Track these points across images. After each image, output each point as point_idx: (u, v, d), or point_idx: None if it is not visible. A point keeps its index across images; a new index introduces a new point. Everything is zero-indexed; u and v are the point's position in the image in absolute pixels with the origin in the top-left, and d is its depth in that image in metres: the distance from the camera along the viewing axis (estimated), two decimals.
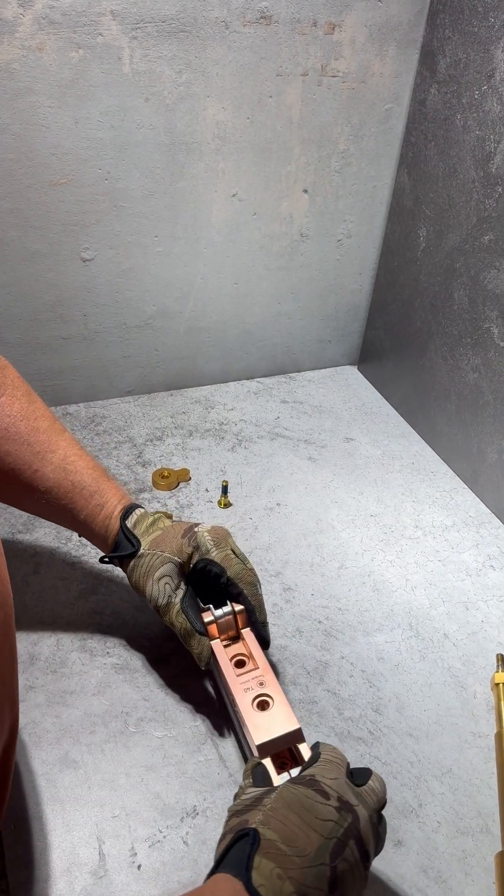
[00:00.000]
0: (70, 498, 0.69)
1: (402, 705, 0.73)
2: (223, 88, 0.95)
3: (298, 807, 0.48)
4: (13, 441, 0.67)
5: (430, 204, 1.02)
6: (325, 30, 0.95)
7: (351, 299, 1.24)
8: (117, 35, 0.87)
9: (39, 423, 0.69)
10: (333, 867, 0.45)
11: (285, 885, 0.43)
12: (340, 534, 0.94)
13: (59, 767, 0.65)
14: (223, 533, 0.71)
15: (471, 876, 0.60)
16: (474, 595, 0.86)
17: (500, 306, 0.91)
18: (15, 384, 0.70)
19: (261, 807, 0.49)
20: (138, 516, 0.71)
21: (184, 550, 0.68)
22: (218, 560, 0.68)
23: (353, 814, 0.48)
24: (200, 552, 0.69)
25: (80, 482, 0.69)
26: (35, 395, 0.71)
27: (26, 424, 0.68)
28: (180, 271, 1.08)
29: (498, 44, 0.84)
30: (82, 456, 0.71)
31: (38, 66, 0.85)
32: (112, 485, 0.72)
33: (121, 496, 0.72)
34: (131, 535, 0.69)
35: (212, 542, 0.69)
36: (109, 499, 0.71)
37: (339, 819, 0.47)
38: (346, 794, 0.50)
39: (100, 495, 0.70)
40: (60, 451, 0.69)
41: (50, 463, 0.68)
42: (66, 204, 0.96)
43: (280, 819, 0.47)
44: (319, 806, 0.48)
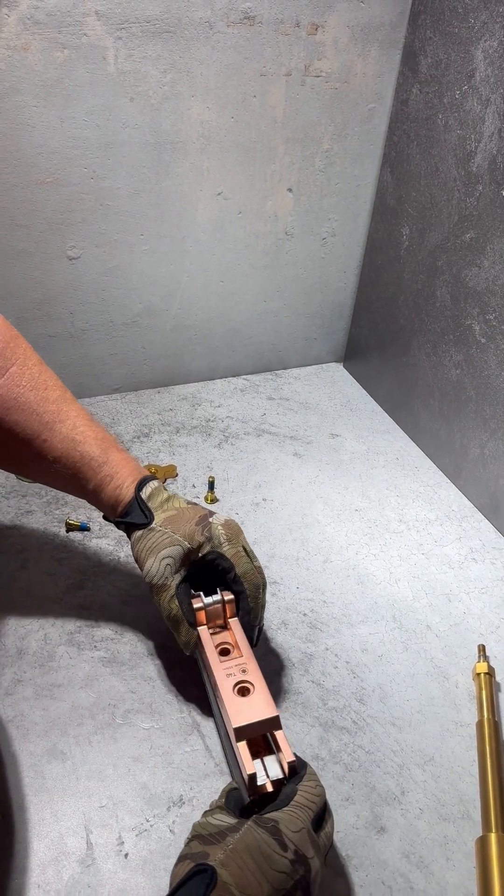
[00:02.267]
0: (78, 468, 0.69)
1: (385, 695, 0.74)
2: (207, 88, 0.95)
3: (258, 854, 0.50)
4: (22, 411, 0.68)
5: (412, 203, 1.03)
6: (308, 30, 0.96)
7: (336, 297, 1.25)
8: (102, 35, 0.87)
9: (49, 392, 0.69)
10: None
11: None
12: (325, 528, 0.95)
13: (47, 759, 0.66)
14: (236, 528, 0.70)
15: (452, 861, 0.61)
16: (457, 587, 0.87)
17: (481, 303, 0.92)
18: (26, 354, 0.70)
19: (223, 844, 0.51)
20: (153, 489, 0.71)
21: (195, 538, 0.68)
22: (229, 556, 0.67)
23: (306, 866, 0.50)
24: (212, 544, 0.68)
25: (89, 453, 0.69)
26: (45, 366, 0.71)
27: (35, 394, 0.68)
28: (166, 269, 1.09)
29: (478, 44, 0.86)
30: (91, 426, 0.71)
31: (23, 65, 0.86)
32: (122, 455, 0.72)
33: (132, 467, 0.72)
34: (145, 507, 0.69)
35: (225, 537, 0.68)
36: (119, 470, 0.70)
37: (291, 872, 0.49)
38: (303, 847, 0.51)
39: (108, 466, 0.70)
40: (69, 420, 0.69)
41: (58, 433, 0.69)
42: (52, 202, 0.96)
43: (238, 863, 0.49)
44: (276, 857, 0.50)
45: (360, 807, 0.64)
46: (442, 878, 0.60)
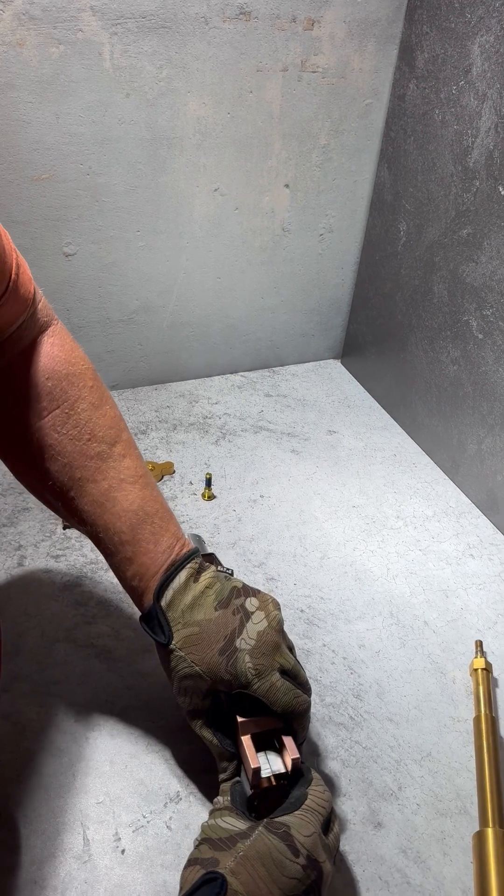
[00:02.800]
0: (100, 538, 0.61)
1: (382, 691, 0.74)
2: (203, 84, 0.95)
3: (269, 861, 0.49)
4: (55, 460, 0.59)
5: (409, 198, 1.03)
6: (304, 25, 0.96)
7: (333, 293, 1.25)
8: (97, 31, 0.87)
9: (91, 445, 0.59)
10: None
11: None
12: (323, 525, 0.95)
13: (44, 756, 0.66)
14: (269, 646, 0.57)
15: (449, 856, 0.61)
16: (454, 583, 0.87)
17: (478, 299, 0.92)
18: (79, 395, 0.60)
19: (234, 851, 0.50)
20: (176, 591, 0.58)
21: (218, 673, 0.56)
22: (261, 694, 0.56)
23: (318, 870, 0.50)
24: (239, 682, 0.56)
25: (113, 525, 0.59)
26: (103, 410, 0.61)
27: (74, 445, 0.59)
28: (163, 266, 1.09)
29: (474, 39, 0.85)
30: (128, 492, 0.60)
31: (18, 61, 0.86)
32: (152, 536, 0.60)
33: (157, 553, 0.59)
34: (164, 621, 0.58)
35: (254, 671, 0.56)
36: (141, 556, 0.59)
37: (303, 878, 0.49)
38: (315, 852, 0.50)
39: (131, 546, 0.59)
40: (105, 482, 0.59)
41: (88, 493, 0.59)
42: (48, 199, 0.96)
43: (249, 871, 0.48)
44: (288, 863, 0.49)
45: (357, 802, 0.64)
46: (439, 874, 0.60)
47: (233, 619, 0.58)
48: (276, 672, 0.56)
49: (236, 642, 0.57)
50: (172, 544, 0.60)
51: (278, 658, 0.57)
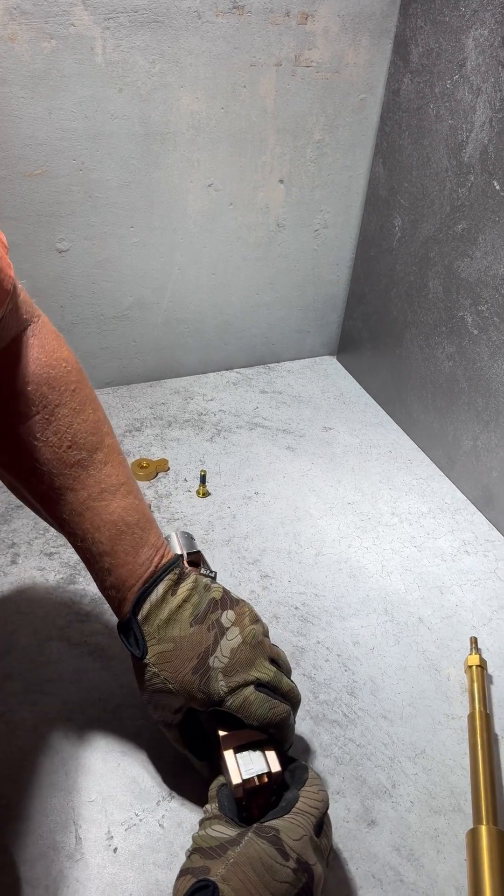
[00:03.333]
0: (79, 547, 0.60)
1: (376, 688, 0.74)
2: (197, 78, 0.95)
3: (259, 865, 0.49)
4: (34, 470, 0.58)
5: (404, 193, 1.03)
6: (298, 20, 0.95)
7: (329, 290, 1.24)
8: (89, 25, 0.86)
9: (70, 453, 0.57)
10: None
11: None
12: (318, 521, 0.95)
13: (36, 754, 0.65)
14: (243, 664, 0.57)
15: (442, 853, 0.61)
16: (449, 580, 0.87)
17: (473, 295, 0.92)
18: (61, 400, 0.58)
19: (224, 858, 0.50)
20: (152, 605, 0.57)
21: (191, 691, 0.56)
22: (235, 709, 0.56)
23: (309, 873, 0.50)
24: (212, 700, 0.56)
25: (92, 536, 0.58)
26: (84, 414, 0.59)
27: (53, 453, 0.57)
28: (157, 262, 1.08)
29: (468, 33, 0.85)
30: (108, 502, 0.58)
31: (9, 56, 0.85)
32: (131, 546, 0.59)
33: (131, 567, 0.58)
34: (139, 634, 0.58)
35: (226, 689, 0.56)
36: (118, 568, 0.58)
37: (294, 881, 0.49)
38: (305, 855, 0.50)
39: (110, 557, 0.58)
40: (84, 490, 0.58)
41: (67, 503, 0.58)
42: (41, 195, 0.95)
43: (239, 877, 0.48)
44: (279, 867, 0.49)
45: (351, 800, 0.64)
46: (432, 871, 0.60)
47: (207, 635, 0.57)
48: (251, 686, 0.56)
49: (209, 660, 0.56)
50: (151, 556, 0.59)
51: (253, 672, 0.57)
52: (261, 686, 0.56)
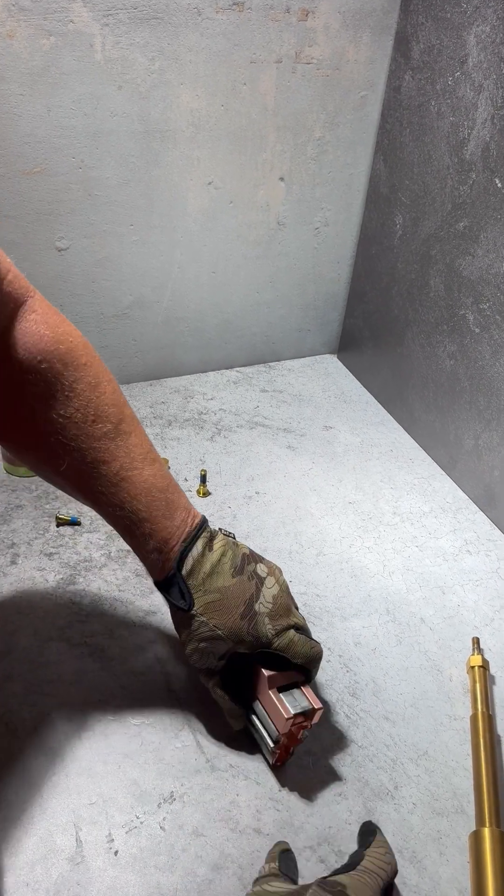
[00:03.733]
0: (118, 517, 0.61)
1: (378, 689, 0.74)
2: (197, 76, 0.94)
3: None
4: (62, 447, 0.59)
5: (405, 191, 1.02)
6: (298, 16, 0.95)
7: (329, 288, 1.24)
8: (89, 22, 0.86)
9: (96, 427, 0.59)
10: None
11: None
12: (319, 521, 0.94)
13: (36, 756, 0.65)
14: (283, 606, 0.63)
15: (445, 856, 0.61)
16: (451, 580, 0.87)
17: (474, 293, 0.91)
18: (76, 376, 0.58)
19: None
20: (195, 560, 0.61)
21: (240, 635, 0.61)
22: (282, 649, 0.61)
23: None
24: (261, 642, 0.61)
25: (130, 504, 0.60)
26: (103, 387, 0.60)
27: (79, 430, 0.58)
28: (157, 260, 1.08)
29: (470, 29, 0.84)
30: (139, 470, 0.61)
31: (8, 53, 0.84)
32: (166, 510, 0.61)
33: (170, 530, 0.61)
34: (185, 588, 0.61)
35: (273, 631, 0.61)
36: (159, 530, 0.61)
37: None
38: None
39: (150, 523, 0.61)
40: (116, 461, 0.60)
41: (102, 475, 0.60)
42: (40, 193, 0.95)
43: None
44: None
45: (353, 802, 0.64)
46: (435, 873, 0.59)
47: (249, 584, 0.62)
48: (292, 629, 0.62)
49: (255, 606, 0.61)
50: (185, 517, 0.63)
51: (292, 618, 0.63)
52: (299, 629, 0.63)
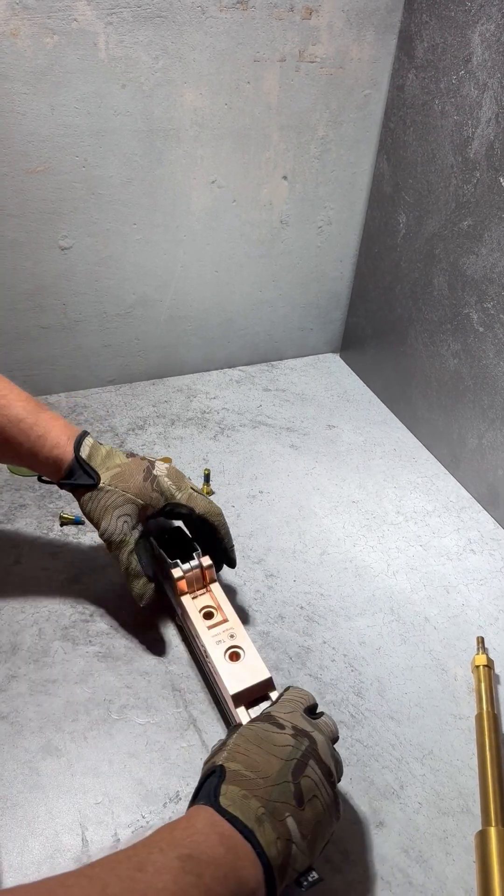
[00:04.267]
0: (9, 432, 0.70)
1: (383, 689, 0.74)
2: (200, 74, 0.94)
3: (256, 739, 0.53)
4: None
5: (409, 190, 1.02)
6: (302, 15, 0.94)
7: (332, 287, 1.24)
8: (92, 20, 0.86)
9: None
10: (297, 783, 0.50)
11: (251, 803, 0.48)
12: (322, 520, 0.94)
13: (42, 755, 0.65)
14: (177, 473, 0.74)
15: (451, 855, 0.61)
16: (455, 579, 0.87)
17: (478, 292, 0.91)
18: None
19: (225, 747, 0.54)
20: (90, 447, 0.72)
21: (147, 494, 0.71)
22: (183, 501, 0.72)
23: (310, 738, 0.54)
24: (165, 497, 0.72)
25: (16, 415, 0.70)
26: None
27: None
28: (160, 259, 1.08)
29: (474, 28, 0.84)
30: (13, 390, 0.71)
31: (12, 52, 0.84)
32: (49, 414, 0.72)
33: (63, 425, 0.72)
34: (88, 467, 0.70)
35: (174, 486, 0.73)
36: (50, 429, 0.71)
37: (296, 744, 0.53)
38: (300, 724, 0.55)
39: (39, 426, 0.70)
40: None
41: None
42: (44, 192, 0.95)
43: (242, 752, 0.52)
44: (276, 735, 0.53)
45: (359, 801, 0.64)
46: (441, 873, 0.59)
47: (142, 462, 0.73)
48: (190, 488, 0.73)
49: (154, 472, 0.72)
50: (66, 424, 0.73)
51: (186, 480, 0.74)
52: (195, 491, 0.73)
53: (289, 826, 0.48)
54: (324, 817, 0.51)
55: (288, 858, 0.47)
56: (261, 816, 0.48)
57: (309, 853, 0.49)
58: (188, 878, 0.42)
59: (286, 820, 0.48)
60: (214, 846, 0.45)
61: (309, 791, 0.50)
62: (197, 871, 0.42)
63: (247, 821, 0.47)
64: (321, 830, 0.50)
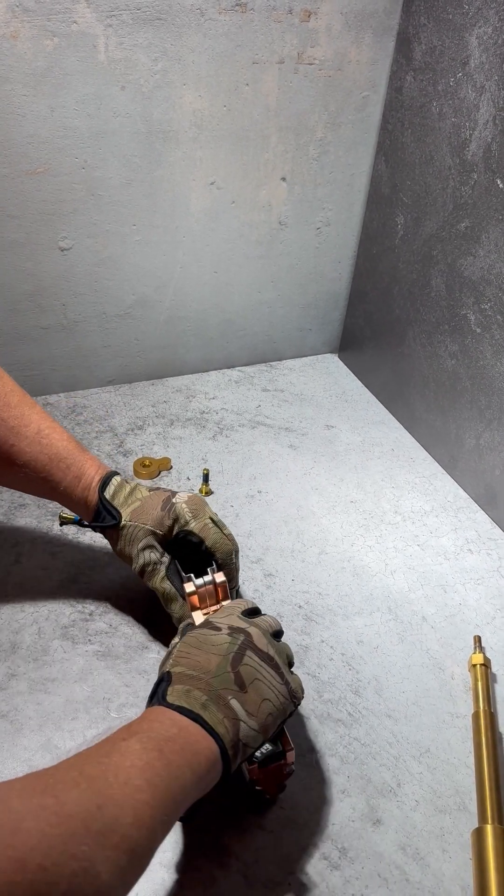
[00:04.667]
0: (48, 471, 0.71)
1: (380, 687, 0.74)
2: (199, 76, 0.94)
3: (196, 642, 0.57)
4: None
5: (407, 191, 1.03)
6: (300, 17, 0.95)
7: (330, 287, 1.24)
8: (92, 23, 0.86)
9: (10, 398, 0.71)
10: (237, 672, 0.55)
11: (195, 693, 0.53)
12: (321, 520, 0.95)
13: (41, 753, 0.65)
14: (200, 502, 0.73)
15: (448, 853, 0.61)
16: (452, 578, 0.87)
17: (476, 293, 0.92)
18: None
19: (170, 655, 0.58)
20: (116, 486, 0.73)
21: (164, 523, 0.71)
22: (196, 531, 0.71)
23: (245, 633, 0.58)
24: (179, 524, 0.71)
25: (57, 454, 0.71)
26: (2, 371, 0.72)
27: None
28: (159, 260, 1.08)
29: (472, 31, 0.85)
30: (56, 428, 0.73)
31: (12, 54, 0.85)
32: (87, 455, 0.74)
33: (97, 466, 0.73)
34: (111, 507, 0.72)
35: (190, 514, 0.71)
36: (87, 470, 0.72)
37: (231, 640, 0.57)
38: (235, 623, 0.59)
39: (77, 467, 0.72)
40: (34, 424, 0.71)
41: (25, 437, 0.70)
42: (43, 193, 0.95)
43: (184, 656, 0.56)
44: (213, 636, 0.58)
45: (356, 799, 0.64)
46: (438, 870, 0.60)
47: (164, 493, 0.74)
48: (208, 518, 0.72)
49: (172, 500, 0.72)
50: (100, 464, 0.74)
51: (207, 510, 0.73)
52: (214, 523, 0.72)
53: (233, 706, 0.53)
54: (270, 696, 0.55)
55: (238, 735, 0.52)
56: (205, 703, 0.53)
57: (261, 731, 0.54)
58: (150, 753, 0.47)
59: (230, 702, 0.53)
60: (168, 728, 0.50)
61: (249, 676, 0.55)
62: (157, 747, 0.48)
63: (192, 708, 0.52)
64: (269, 709, 0.55)
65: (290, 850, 0.60)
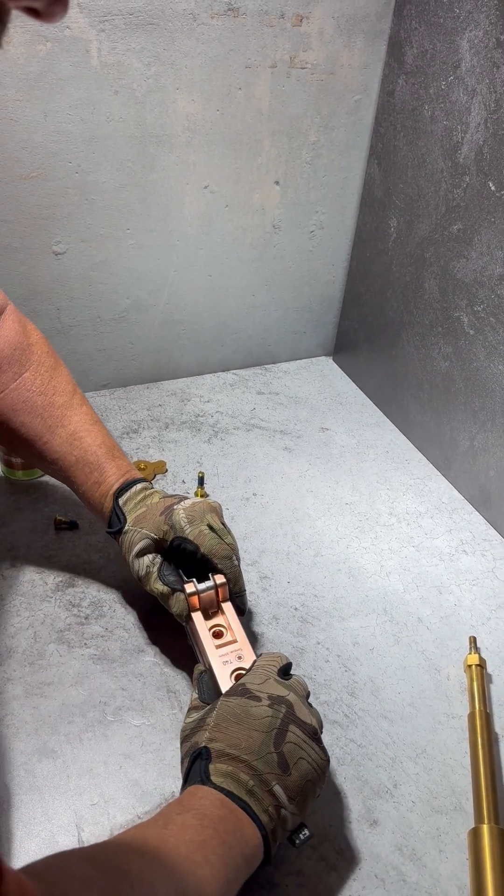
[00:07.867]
0: (73, 472, 0.74)
1: (376, 688, 0.74)
2: (192, 81, 0.95)
3: (235, 717, 0.55)
4: (29, 413, 0.73)
5: (399, 194, 1.03)
6: (292, 21, 0.95)
7: (324, 290, 1.25)
8: (85, 28, 0.86)
9: (56, 398, 0.74)
10: (280, 752, 0.53)
11: (240, 776, 0.52)
12: (316, 522, 0.95)
13: (38, 757, 0.65)
14: (200, 509, 0.72)
15: (445, 853, 0.61)
16: (447, 579, 0.87)
17: (469, 295, 0.92)
18: (41, 360, 0.75)
19: (205, 727, 0.56)
20: (131, 493, 0.74)
21: (160, 528, 0.71)
22: (191, 538, 0.70)
23: (286, 703, 0.56)
24: (175, 531, 0.71)
25: (83, 458, 0.74)
26: (60, 370, 0.77)
27: (43, 399, 0.74)
28: (153, 264, 1.08)
29: (463, 34, 0.85)
30: (92, 432, 0.75)
31: (4, 59, 0.85)
32: (116, 462, 0.75)
33: (121, 473, 0.75)
34: (120, 512, 0.73)
35: (186, 520, 0.71)
36: (108, 476, 0.74)
37: (273, 714, 0.55)
38: (275, 691, 0.57)
39: (99, 472, 0.74)
40: (71, 426, 0.74)
41: (58, 436, 0.74)
42: (37, 197, 0.95)
43: (223, 731, 0.54)
44: (253, 709, 0.55)
45: (353, 800, 0.64)
46: (435, 871, 0.60)
47: (171, 499, 0.73)
48: (205, 525, 0.70)
49: (174, 507, 0.72)
50: (128, 469, 0.76)
51: (207, 517, 0.71)
52: (212, 530, 0.71)
53: (276, 793, 0.52)
54: (312, 775, 0.54)
55: (278, 822, 0.52)
56: (251, 788, 0.51)
57: (299, 813, 0.53)
58: (207, 830, 0.47)
59: (273, 788, 0.52)
60: (219, 808, 0.50)
61: (293, 755, 0.54)
62: (212, 825, 0.48)
63: (239, 794, 0.51)
64: (310, 789, 0.54)
65: (287, 852, 0.60)
